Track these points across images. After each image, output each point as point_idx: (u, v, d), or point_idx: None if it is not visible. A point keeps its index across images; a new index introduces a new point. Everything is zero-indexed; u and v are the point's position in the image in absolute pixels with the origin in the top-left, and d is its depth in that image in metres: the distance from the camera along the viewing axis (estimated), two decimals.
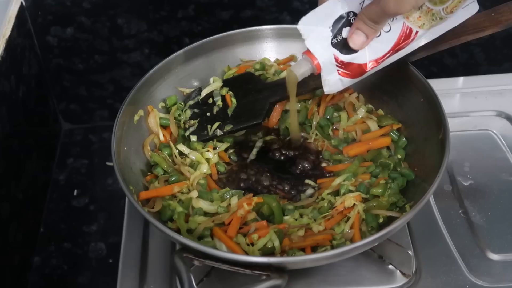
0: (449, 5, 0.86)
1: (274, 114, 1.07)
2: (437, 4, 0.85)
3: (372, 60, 0.88)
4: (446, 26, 0.89)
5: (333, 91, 0.92)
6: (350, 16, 0.86)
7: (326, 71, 0.89)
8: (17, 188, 1.14)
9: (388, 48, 0.88)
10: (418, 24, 0.87)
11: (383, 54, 0.88)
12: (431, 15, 0.86)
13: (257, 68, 1.10)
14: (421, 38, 0.89)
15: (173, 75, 1.09)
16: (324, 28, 0.87)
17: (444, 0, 0.85)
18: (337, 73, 0.89)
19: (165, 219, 0.92)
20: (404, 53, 0.90)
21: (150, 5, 1.28)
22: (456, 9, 0.87)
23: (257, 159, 1.04)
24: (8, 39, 1.13)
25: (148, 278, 0.95)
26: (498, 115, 1.20)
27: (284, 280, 0.79)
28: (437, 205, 1.03)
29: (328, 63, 0.88)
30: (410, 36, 0.87)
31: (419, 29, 0.87)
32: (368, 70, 0.89)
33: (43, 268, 1.15)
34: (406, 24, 0.87)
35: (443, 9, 0.86)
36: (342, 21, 0.87)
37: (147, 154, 1.01)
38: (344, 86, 0.91)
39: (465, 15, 0.89)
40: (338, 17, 0.86)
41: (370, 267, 0.94)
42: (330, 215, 0.91)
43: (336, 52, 0.87)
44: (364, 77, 0.91)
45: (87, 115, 1.42)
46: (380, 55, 0.88)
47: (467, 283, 0.93)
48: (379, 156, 0.99)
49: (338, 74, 0.89)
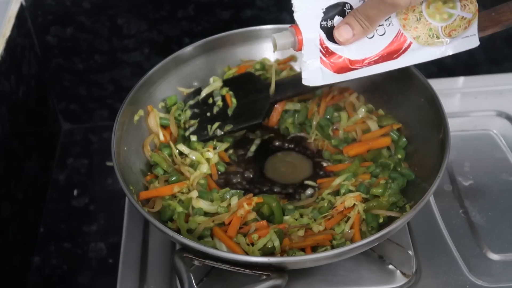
0: (448, 25, 0.85)
1: (274, 114, 1.07)
2: (436, 19, 0.85)
3: (359, 59, 0.86)
4: (440, 51, 0.87)
5: (310, 81, 0.86)
6: (346, 8, 0.85)
7: (308, 52, 0.85)
8: (17, 188, 1.14)
9: (378, 50, 0.86)
10: (413, 35, 0.86)
11: (370, 55, 0.86)
12: (428, 30, 0.86)
13: (257, 68, 1.10)
14: (415, 53, 0.87)
15: (173, 75, 1.09)
16: (317, 8, 0.84)
17: (444, 18, 0.85)
18: (319, 60, 0.85)
19: (165, 219, 0.92)
20: (394, 66, 0.87)
21: (150, 5, 1.28)
22: (455, 35, 0.86)
23: (255, 156, 1.04)
24: (8, 39, 1.13)
25: (148, 278, 0.95)
26: (498, 115, 1.20)
27: (284, 280, 0.79)
28: (437, 205, 1.03)
29: (312, 44, 0.85)
30: (403, 45, 0.86)
31: (414, 40, 0.86)
32: (353, 67, 0.86)
33: (43, 268, 1.15)
34: (401, 32, 0.86)
35: (441, 28, 0.85)
36: (337, 9, 0.84)
37: (147, 154, 1.01)
38: (325, 80, 0.86)
39: (463, 46, 0.88)
40: (335, 3, 0.84)
41: (370, 267, 0.94)
42: (330, 215, 0.91)
43: (323, 34, 0.84)
44: (346, 79, 0.87)
45: (87, 115, 1.42)
46: (368, 56, 0.86)
47: (467, 283, 0.93)
48: (379, 156, 0.99)
49: (320, 62, 0.85)
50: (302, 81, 0.86)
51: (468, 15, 0.86)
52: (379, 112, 1.06)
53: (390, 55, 0.87)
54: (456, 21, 0.86)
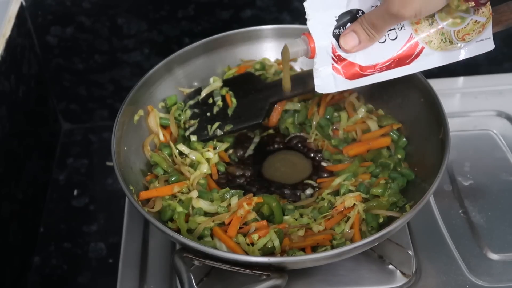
0: (461, 30, 0.84)
1: (274, 114, 1.07)
2: (449, 23, 0.83)
3: (370, 64, 0.86)
4: (455, 55, 0.86)
5: (323, 88, 0.86)
6: (359, 15, 0.84)
7: (320, 59, 0.85)
8: (17, 188, 1.14)
9: (390, 56, 0.85)
10: (425, 40, 0.84)
11: (382, 61, 0.86)
12: (441, 34, 0.84)
13: (257, 68, 1.10)
14: (428, 58, 0.86)
15: (173, 75, 1.09)
16: (330, 16, 0.84)
17: (457, 22, 0.83)
18: (331, 67, 0.86)
19: (165, 219, 0.92)
20: (407, 71, 0.87)
21: (150, 5, 1.28)
22: (469, 39, 0.84)
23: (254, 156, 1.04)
24: (8, 39, 1.13)
25: (148, 278, 0.95)
26: (498, 115, 1.20)
27: (284, 280, 0.79)
28: (437, 205, 1.03)
29: (324, 51, 0.85)
30: (415, 49, 0.85)
31: (426, 45, 0.85)
32: (364, 73, 0.86)
33: (43, 268, 1.15)
34: (414, 36, 0.84)
35: (454, 32, 0.84)
36: (349, 16, 0.84)
37: (147, 154, 1.01)
38: (337, 87, 0.87)
39: (478, 50, 0.86)
40: (347, 11, 0.84)
41: (370, 267, 0.94)
42: (330, 215, 0.91)
43: (335, 42, 0.85)
44: (359, 86, 0.87)
45: (87, 115, 1.42)
46: (379, 61, 0.86)
47: (467, 283, 0.93)
48: (379, 156, 0.99)
49: (332, 68, 0.86)
50: (315, 89, 0.86)
51: (482, 19, 0.84)
52: (379, 112, 1.06)
53: (402, 60, 0.86)
54: (469, 25, 0.84)
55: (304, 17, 0.85)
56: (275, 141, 1.06)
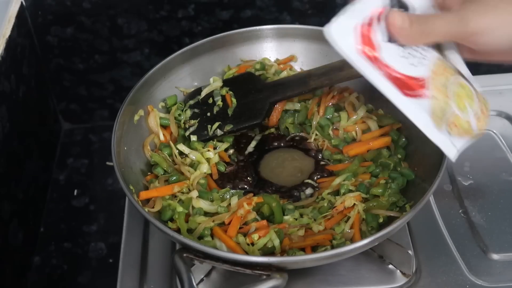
0: (457, 118, 0.81)
1: (274, 114, 1.07)
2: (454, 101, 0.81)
3: (384, 62, 0.77)
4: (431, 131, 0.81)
5: (330, 33, 0.74)
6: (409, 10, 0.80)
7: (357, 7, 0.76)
8: (17, 188, 1.14)
9: (400, 70, 0.78)
10: (431, 93, 0.79)
11: (392, 67, 0.78)
12: (444, 103, 0.80)
13: (257, 68, 1.10)
14: (418, 107, 0.79)
15: (173, 75, 1.09)
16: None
17: (460, 107, 0.81)
18: (359, 24, 0.76)
19: (165, 219, 0.92)
20: (394, 97, 0.78)
21: (150, 5, 1.28)
22: (454, 131, 0.82)
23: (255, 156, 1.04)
24: (8, 39, 1.13)
25: (148, 278, 0.95)
26: (498, 115, 1.19)
27: (284, 280, 0.79)
28: (437, 205, 1.03)
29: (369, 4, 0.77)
30: (417, 88, 0.79)
31: (427, 98, 0.79)
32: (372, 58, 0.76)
33: (43, 268, 1.15)
34: (425, 79, 0.80)
35: (451, 113, 0.81)
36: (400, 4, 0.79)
37: (147, 154, 1.01)
38: (344, 39, 0.75)
39: (445, 143, 0.82)
40: None
41: (370, 267, 0.94)
42: (330, 215, 0.91)
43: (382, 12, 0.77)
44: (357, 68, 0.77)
45: (87, 115, 1.42)
46: (390, 64, 0.78)
47: (467, 283, 0.93)
48: (379, 156, 0.99)
49: (356, 26, 0.75)
50: (324, 28, 0.75)
51: (475, 132, 0.83)
52: (379, 112, 1.06)
53: (402, 85, 0.79)
54: (465, 125, 0.82)
55: (303, 17, 0.85)
56: (275, 141, 1.06)
